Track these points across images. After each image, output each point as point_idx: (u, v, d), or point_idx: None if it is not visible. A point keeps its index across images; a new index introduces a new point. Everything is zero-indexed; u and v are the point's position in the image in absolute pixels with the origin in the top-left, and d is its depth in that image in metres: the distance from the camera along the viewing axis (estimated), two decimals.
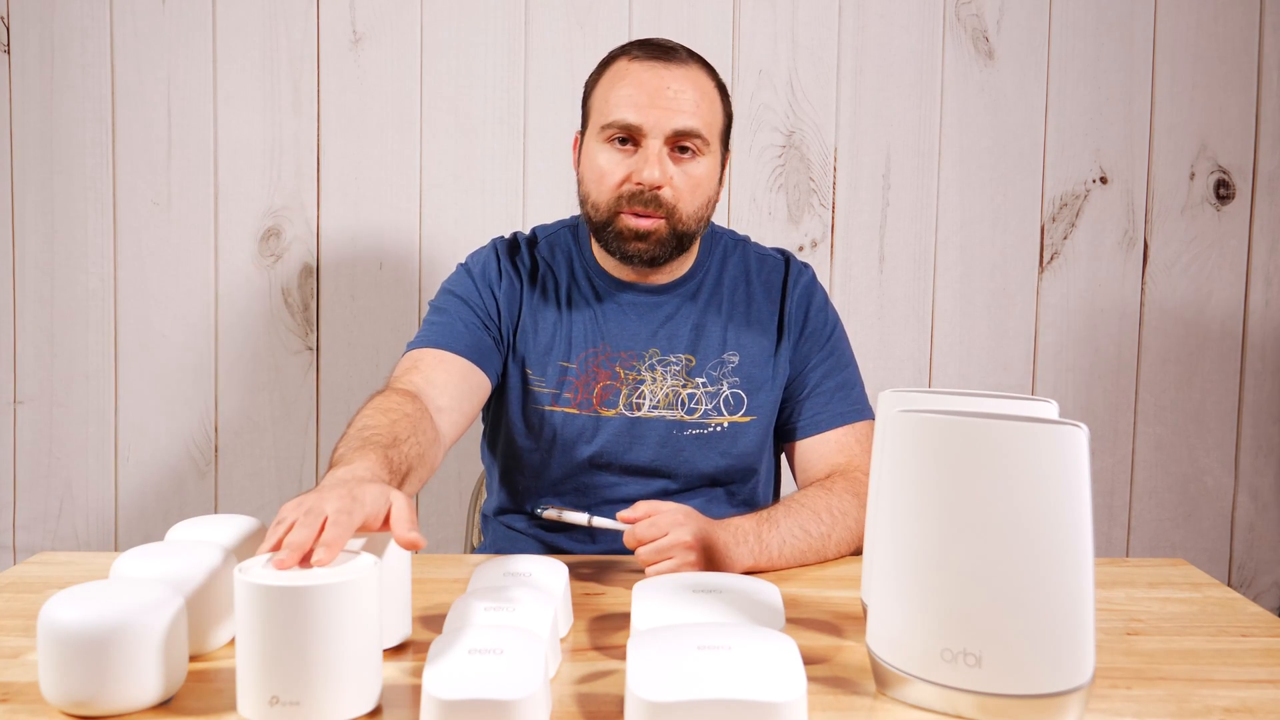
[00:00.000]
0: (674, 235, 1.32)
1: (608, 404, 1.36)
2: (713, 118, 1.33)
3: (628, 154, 1.31)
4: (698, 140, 1.30)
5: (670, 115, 1.29)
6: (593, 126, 1.34)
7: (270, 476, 1.97)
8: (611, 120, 1.30)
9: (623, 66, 1.33)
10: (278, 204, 1.93)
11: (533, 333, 1.38)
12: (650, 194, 1.29)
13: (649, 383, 1.37)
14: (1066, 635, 0.79)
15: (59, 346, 1.95)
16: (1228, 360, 2.02)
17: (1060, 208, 1.98)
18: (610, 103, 1.31)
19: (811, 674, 0.90)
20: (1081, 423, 0.79)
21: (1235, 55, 1.97)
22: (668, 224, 1.31)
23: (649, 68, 1.31)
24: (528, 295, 1.40)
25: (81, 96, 1.91)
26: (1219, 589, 1.16)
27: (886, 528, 0.86)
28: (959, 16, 1.95)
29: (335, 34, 1.92)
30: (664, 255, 1.34)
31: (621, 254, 1.33)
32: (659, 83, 1.29)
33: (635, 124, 1.29)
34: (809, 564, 1.25)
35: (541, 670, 0.80)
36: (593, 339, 1.38)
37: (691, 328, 1.39)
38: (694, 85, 1.31)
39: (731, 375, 1.38)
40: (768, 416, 1.39)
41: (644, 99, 1.29)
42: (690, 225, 1.33)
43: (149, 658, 0.81)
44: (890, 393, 1.00)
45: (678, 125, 1.29)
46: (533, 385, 1.38)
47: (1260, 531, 2.05)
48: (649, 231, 1.31)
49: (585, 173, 1.35)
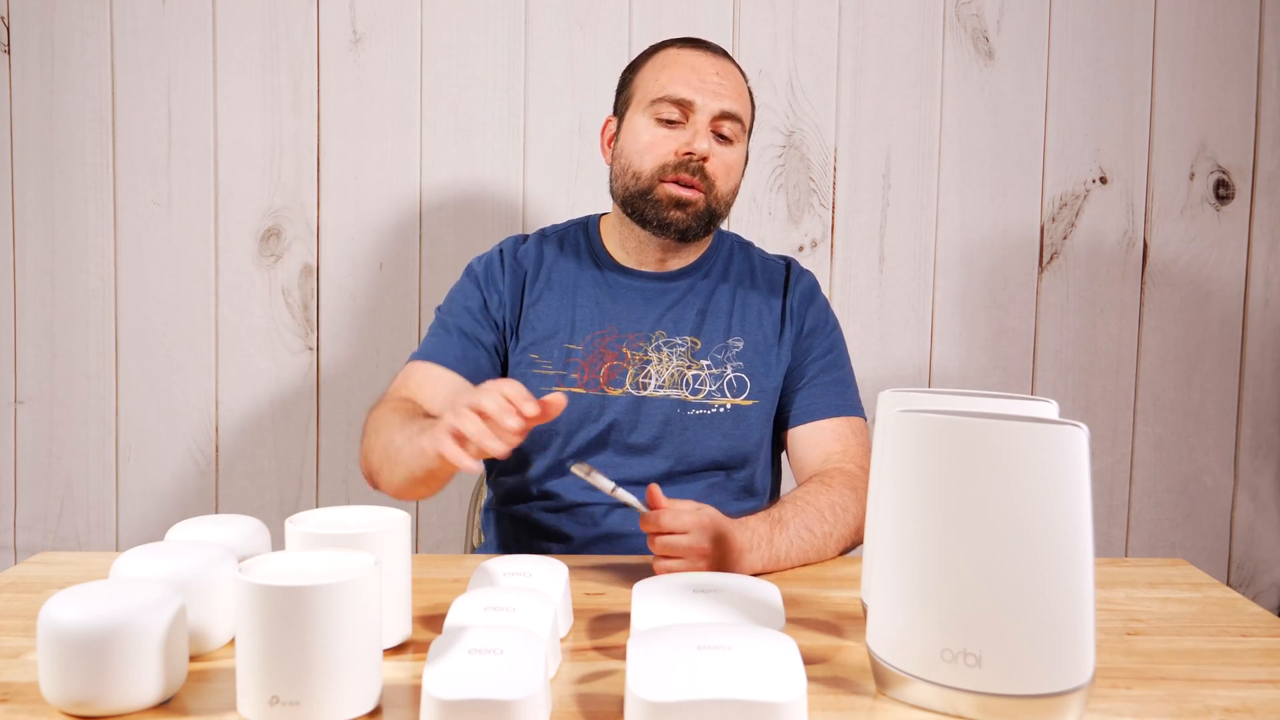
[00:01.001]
0: (708, 211, 1.39)
1: (614, 383, 1.39)
2: (746, 110, 1.42)
3: (675, 128, 1.38)
4: (737, 126, 1.39)
5: (719, 97, 1.37)
6: (638, 103, 1.41)
7: (270, 476, 1.97)
8: (665, 94, 1.37)
9: (672, 54, 1.41)
10: (278, 204, 1.93)
11: (538, 318, 1.42)
12: (696, 164, 1.36)
13: (655, 363, 1.40)
14: (1066, 635, 0.80)
15: (59, 346, 1.95)
16: (1228, 360, 2.02)
17: (1060, 208, 1.98)
18: (661, 80, 1.39)
19: (811, 674, 0.90)
20: (1081, 423, 0.79)
21: (1235, 55, 1.97)
22: (705, 199, 1.38)
23: (698, 55, 1.40)
24: (533, 282, 1.44)
25: (81, 96, 1.91)
26: (1219, 589, 1.16)
27: (886, 528, 0.86)
28: (959, 16, 1.95)
29: (335, 34, 1.92)
30: (696, 230, 1.40)
31: (659, 222, 1.38)
32: (709, 68, 1.39)
33: (688, 99, 1.37)
34: (810, 563, 1.25)
35: (541, 670, 0.80)
36: (599, 322, 1.41)
37: (697, 312, 1.43)
38: (735, 78, 1.41)
39: (736, 359, 1.41)
40: (769, 401, 1.42)
41: (695, 80, 1.37)
42: (722, 206, 1.41)
43: (149, 658, 0.81)
44: (890, 393, 1.00)
45: (725, 106, 1.37)
46: (539, 369, 1.40)
47: (1260, 531, 2.05)
48: (689, 201, 1.37)
49: (627, 145, 1.41)
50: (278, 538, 1.39)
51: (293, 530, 0.93)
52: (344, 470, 1.97)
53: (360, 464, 1.34)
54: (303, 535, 0.93)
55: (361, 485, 1.96)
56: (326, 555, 0.86)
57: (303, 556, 0.86)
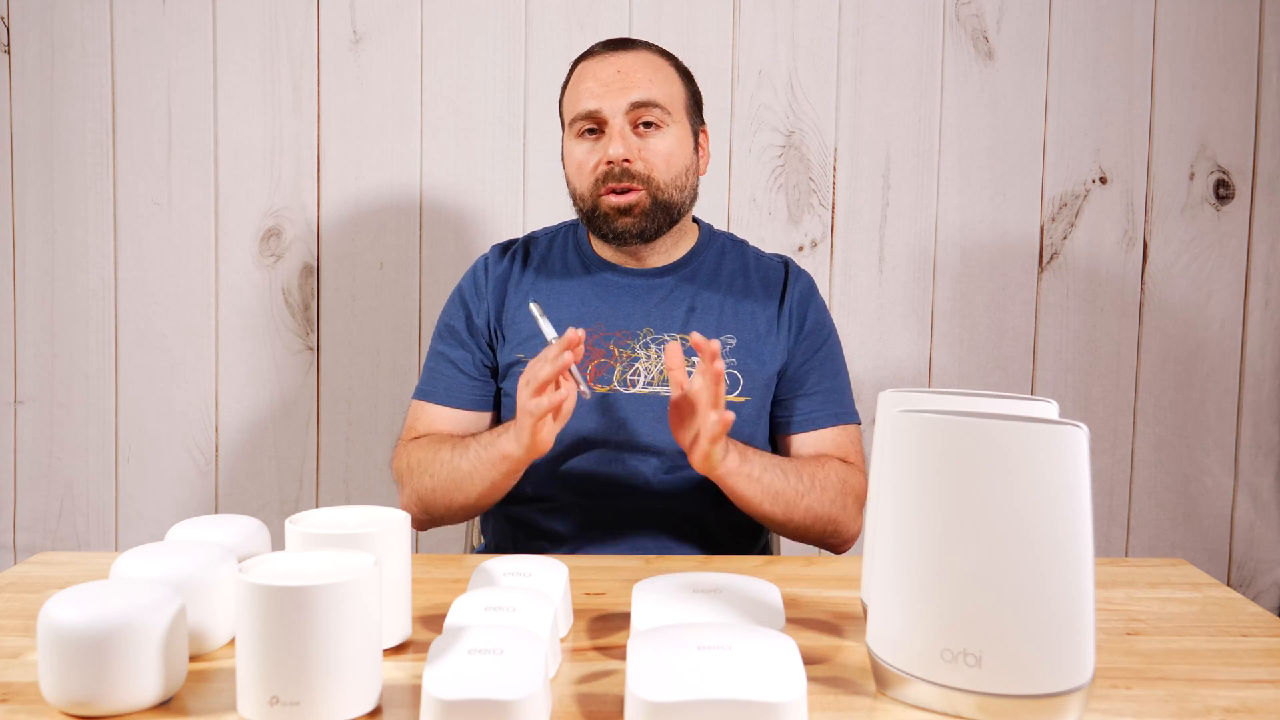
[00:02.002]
0: (656, 205, 1.38)
1: (601, 380, 1.39)
2: (671, 89, 1.40)
3: (597, 141, 1.38)
4: (657, 110, 1.37)
5: (624, 92, 1.36)
6: (567, 128, 1.43)
7: (270, 476, 1.97)
8: (577, 112, 1.38)
9: (582, 68, 1.42)
10: (278, 204, 1.93)
11: (524, 319, 1.43)
12: (620, 169, 1.36)
13: (643, 360, 1.40)
14: (1066, 635, 0.80)
15: (59, 346, 1.95)
16: (1227, 360, 2.02)
17: (1060, 208, 1.98)
18: (573, 98, 1.40)
19: (811, 674, 0.90)
20: (1081, 423, 0.79)
21: (1235, 55, 1.97)
22: (647, 193, 1.37)
23: (602, 60, 1.40)
24: (518, 282, 1.46)
25: (81, 96, 1.91)
26: (1219, 589, 1.16)
27: (886, 528, 0.86)
28: (959, 16, 1.95)
29: (335, 34, 1.92)
30: (652, 227, 1.39)
31: (612, 233, 1.39)
32: (611, 68, 1.39)
33: (593, 108, 1.37)
34: (776, 514, 1.30)
35: (541, 670, 0.80)
36: (586, 320, 1.42)
37: (686, 309, 1.43)
38: (646, 64, 1.39)
39: (728, 356, 1.41)
40: (762, 398, 1.42)
41: (598, 86, 1.37)
42: (671, 194, 1.39)
43: (149, 658, 0.81)
44: (890, 393, 1.00)
45: (633, 98, 1.36)
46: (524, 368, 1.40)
47: (1260, 531, 2.05)
48: (630, 205, 1.37)
49: (567, 169, 1.43)
50: (278, 538, 1.40)
51: (293, 530, 0.93)
52: (344, 470, 1.97)
53: (406, 505, 1.39)
54: (303, 535, 0.93)
55: (361, 485, 1.96)
56: (326, 555, 0.86)
57: (303, 556, 0.86)
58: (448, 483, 1.33)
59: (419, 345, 1.96)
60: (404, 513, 0.98)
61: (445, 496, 1.34)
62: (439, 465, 1.34)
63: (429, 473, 1.35)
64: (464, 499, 1.33)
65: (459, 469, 1.31)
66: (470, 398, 1.44)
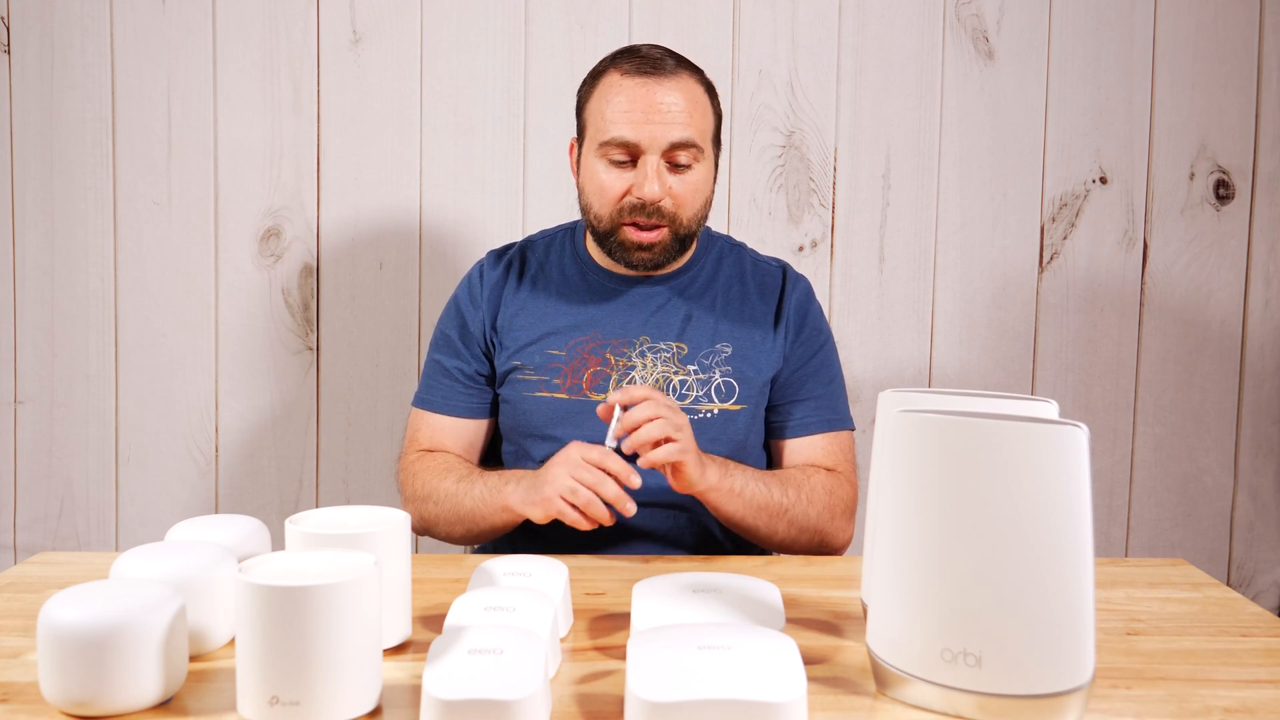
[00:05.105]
0: (676, 240, 1.38)
1: (597, 389, 1.39)
2: (705, 124, 1.37)
3: (626, 169, 1.35)
4: (693, 150, 1.35)
5: (665, 130, 1.33)
6: (590, 141, 1.38)
7: (270, 476, 1.97)
8: (609, 138, 1.34)
9: (614, 81, 1.36)
10: (278, 204, 1.93)
11: (520, 325, 1.43)
12: (652, 207, 1.34)
13: (639, 369, 1.40)
14: (1066, 635, 0.80)
15: (59, 346, 1.95)
16: (1227, 360, 2.02)
17: (1060, 208, 1.98)
18: (606, 118, 1.35)
19: (811, 674, 0.90)
20: (1081, 423, 0.79)
21: (1235, 55, 1.97)
22: (670, 231, 1.37)
23: (640, 83, 1.34)
24: (515, 289, 1.46)
25: (81, 96, 1.91)
26: (1219, 589, 1.16)
27: (886, 528, 0.86)
28: (959, 16, 1.95)
29: (335, 34, 1.92)
30: (668, 259, 1.40)
31: (626, 263, 1.39)
32: (651, 97, 1.33)
33: (632, 141, 1.33)
34: (760, 528, 1.30)
35: (541, 670, 0.80)
36: (583, 327, 1.42)
37: (682, 317, 1.43)
38: (685, 95, 1.35)
39: (724, 364, 1.41)
40: (757, 405, 1.42)
41: (638, 115, 1.33)
42: (692, 227, 1.39)
43: (149, 658, 0.81)
44: (890, 393, 1.00)
45: (673, 138, 1.33)
46: (522, 374, 1.41)
47: (1260, 531, 2.05)
48: (652, 242, 1.37)
49: (585, 185, 1.40)
50: (278, 538, 1.40)
51: (293, 530, 0.94)
52: (344, 470, 1.97)
53: (406, 507, 1.41)
54: (303, 535, 0.93)
55: (361, 485, 1.96)
56: (326, 555, 0.86)
57: (303, 556, 0.86)
58: (450, 515, 1.35)
59: (419, 345, 1.96)
60: (404, 513, 0.98)
61: (447, 526, 1.37)
62: (442, 495, 1.36)
63: (433, 500, 1.37)
64: (464, 532, 1.36)
65: (461, 505, 1.34)
66: (468, 406, 1.45)
